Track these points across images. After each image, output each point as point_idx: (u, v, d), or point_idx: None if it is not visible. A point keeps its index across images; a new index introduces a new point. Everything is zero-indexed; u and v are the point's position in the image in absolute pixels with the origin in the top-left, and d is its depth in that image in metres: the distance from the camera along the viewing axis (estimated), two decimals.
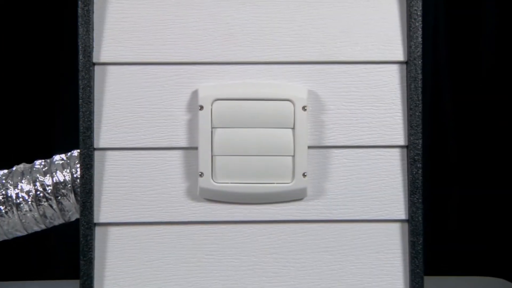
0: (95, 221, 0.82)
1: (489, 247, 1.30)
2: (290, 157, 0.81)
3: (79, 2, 0.81)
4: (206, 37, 0.82)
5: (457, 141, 1.30)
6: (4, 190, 0.83)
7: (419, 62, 0.82)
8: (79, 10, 0.81)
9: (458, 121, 1.29)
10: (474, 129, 1.30)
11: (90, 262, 0.81)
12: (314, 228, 0.83)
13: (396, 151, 0.83)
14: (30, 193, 0.83)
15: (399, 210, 0.83)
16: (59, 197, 0.84)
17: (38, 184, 0.84)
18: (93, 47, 0.82)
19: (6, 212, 0.83)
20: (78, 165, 0.84)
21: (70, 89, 1.14)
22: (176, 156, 0.82)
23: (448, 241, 1.32)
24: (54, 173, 0.84)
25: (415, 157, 0.82)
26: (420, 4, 0.82)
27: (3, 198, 0.83)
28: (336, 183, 0.83)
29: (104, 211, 0.82)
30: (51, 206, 0.84)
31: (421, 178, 0.82)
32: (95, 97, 0.82)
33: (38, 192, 0.83)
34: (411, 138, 0.82)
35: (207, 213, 0.82)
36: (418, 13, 0.81)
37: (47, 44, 1.27)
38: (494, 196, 1.31)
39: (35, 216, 0.84)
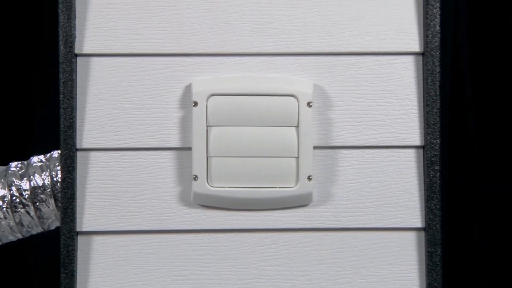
0: (78, 229, 0.82)
1: (501, 242, 1.32)
2: (294, 159, 0.81)
3: None
4: (200, 25, 0.82)
5: (478, 140, 1.30)
6: None
7: (437, 53, 0.82)
8: None
9: (480, 118, 1.29)
10: (496, 125, 1.30)
11: (71, 275, 0.80)
12: (320, 237, 0.83)
13: (412, 152, 0.83)
14: (5, 199, 0.83)
15: (415, 217, 0.82)
16: (37, 203, 0.83)
17: (14, 188, 0.83)
18: (75, 36, 0.81)
19: None
20: (59, 168, 0.83)
21: (50, 83, 1.13)
22: (168, 158, 0.82)
23: (464, 234, 1.33)
24: (31, 177, 0.84)
25: (432, 159, 0.81)
26: None
27: None
28: (344, 187, 0.83)
29: (87, 218, 0.82)
30: (28, 213, 0.83)
31: (439, 182, 0.81)
32: (78, 92, 0.82)
33: (14, 198, 0.83)
34: (428, 138, 0.82)
35: (201, 220, 0.82)
36: None
37: (24, 33, 1.26)
38: None
39: (11, 224, 0.83)
